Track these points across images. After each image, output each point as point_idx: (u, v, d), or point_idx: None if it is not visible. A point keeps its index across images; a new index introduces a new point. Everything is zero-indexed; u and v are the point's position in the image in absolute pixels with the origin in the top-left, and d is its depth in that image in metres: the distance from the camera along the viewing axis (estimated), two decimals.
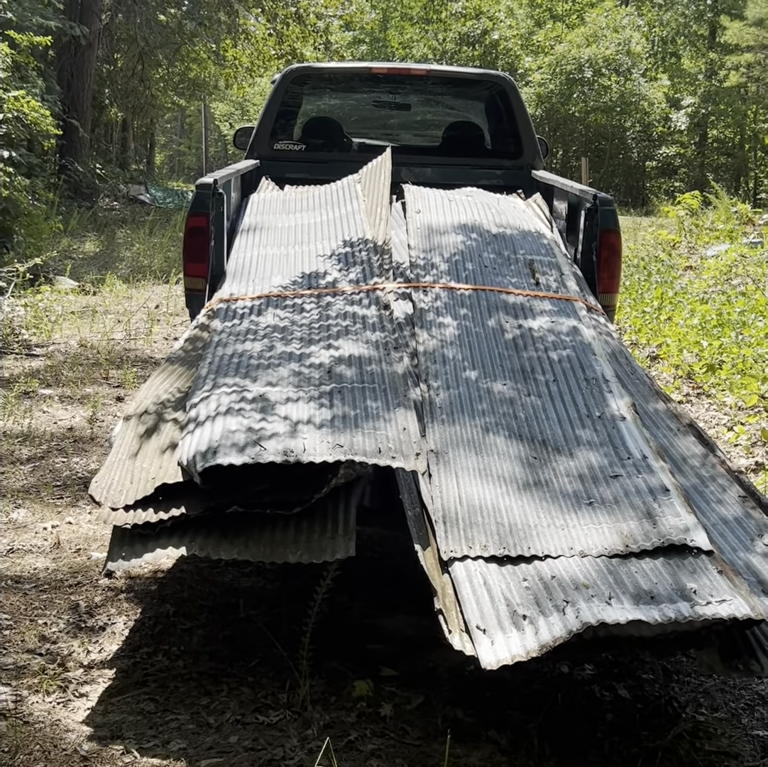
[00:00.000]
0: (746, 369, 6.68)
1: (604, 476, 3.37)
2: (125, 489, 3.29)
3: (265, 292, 4.82)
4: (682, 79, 35.76)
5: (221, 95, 42.39)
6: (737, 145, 36.22)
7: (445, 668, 3.53)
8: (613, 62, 32.40)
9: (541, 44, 34.34)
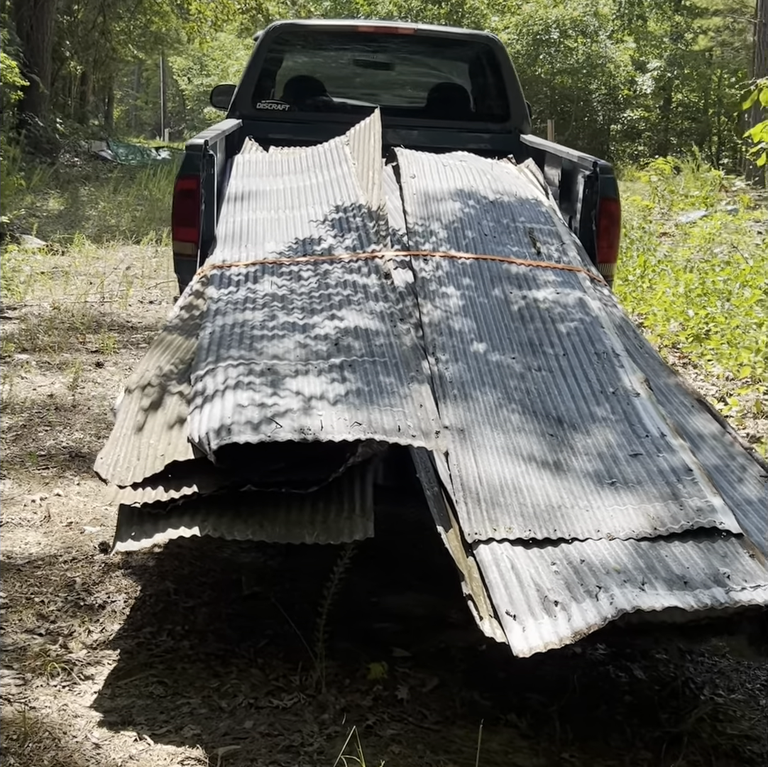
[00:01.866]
0: (733, 340, 6.65)
1: (624, 455, 3.30)
2: (132, 466, 3.16)
3: (260, 258, 4.69)
4: (648, 42, 35.61)
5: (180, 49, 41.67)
6: (701, 109, 36.22)
7: (457, 648, 3.47)
8: (580, 24, 32.16)
9: (507, 4, 33.96)
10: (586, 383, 3.73)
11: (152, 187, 16.02)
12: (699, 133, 36.42)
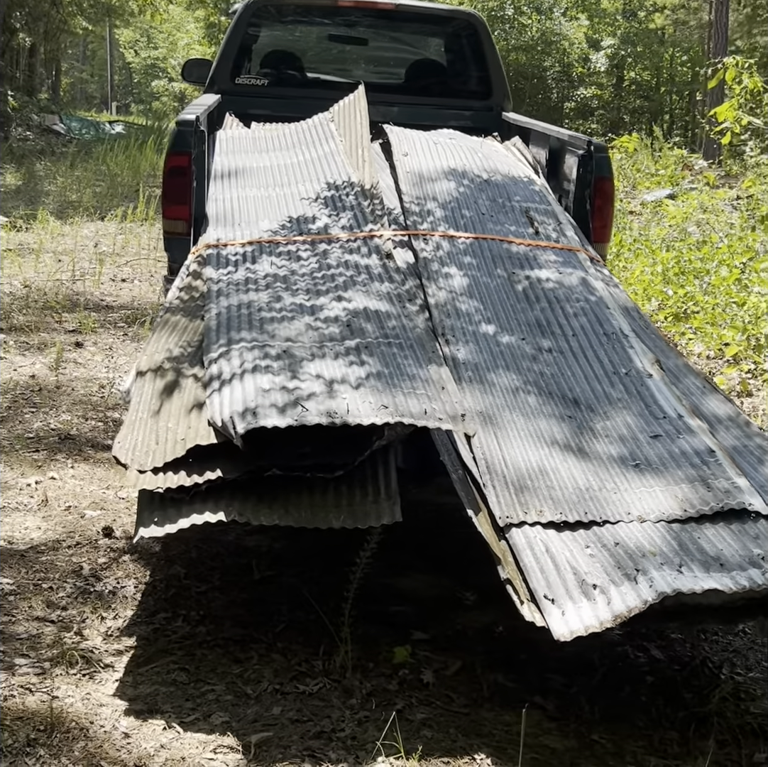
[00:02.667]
0: (714, 319, 6.70)
1: (644, 437, 3.30)
2: (151, 450, 3.11)
3: (255, 237, 4.62)
4: (602, 20, 35.70)
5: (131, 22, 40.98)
6: (654, 88, 36.44)
7: (474, 630, 3.46)
8: (535, 0, 32.16)
9: None
10: (598, 364, 3.73)
11: (110, 162, 15.75)
12: (651, 112, 36.65)
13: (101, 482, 4.47)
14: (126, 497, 4.34)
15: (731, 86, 11.87)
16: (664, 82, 36.34)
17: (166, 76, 50.26)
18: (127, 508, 4.23)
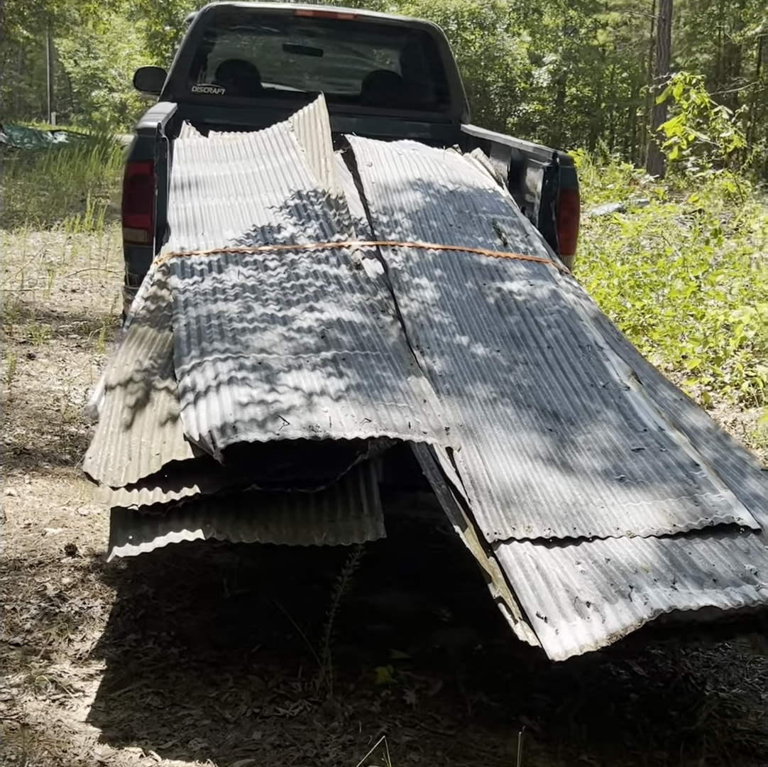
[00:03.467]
0: (672, 332, 6.72)
1: (627, 450, 3.26)
2: (124, 466, 2.99)
3: (220, 247, 4.52)
4: (543, 36, 36.09)
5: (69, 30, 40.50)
6: (595, 104, 36.90)
7: (454, 648, 3.40)
8: (478, 16, 32.40)
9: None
10: (575, 376, 3.69)
11: (54, 172, 15.48)
12: (592, 127, 37.11)
13: (61, 498, 4.33)
14: (87, 513, 4.21)
15: (679, 102, 12.01)
16: (605, 99, 36.80)
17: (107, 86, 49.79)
18: (89, 525, 4.10)
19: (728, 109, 11.95)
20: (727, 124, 11.94)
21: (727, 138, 11.99)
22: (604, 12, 28.33)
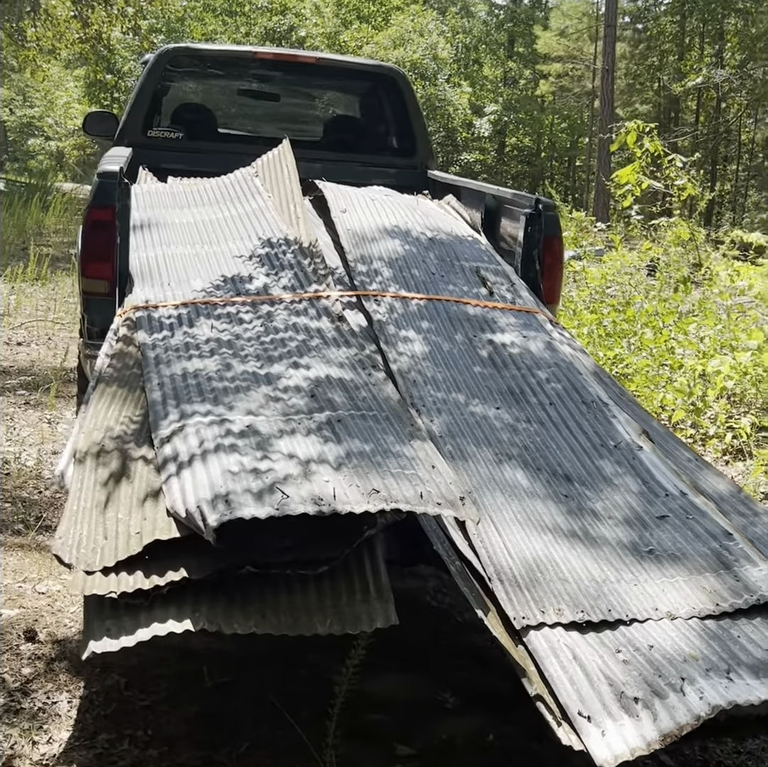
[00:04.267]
0: (647, 382, 6.52)
1: (650, 518, 2.99)
2: (99, 547, 2.65)
3: (189, 298, 4.22)
4: (484, 87, 36.44)
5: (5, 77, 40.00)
6: (535, 153, 37.27)
7: (462, 739, 3.08)
8: (420, 66, 32.58)
9: (347, 44, 34.14)
10: (583, 435, 3.42)
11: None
12: (533, 176, 37.45)
13: (16, 574, 3.95)
14: (46, 591, 3.83)
15: (633, 150, 11.97)
16: (545, 148, 37.18)
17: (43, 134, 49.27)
18: (48, 605, 3.72)
19: (682, 157, 11.93)
20: (680, 172, 11.92)
21: (681, 186, 11.96)
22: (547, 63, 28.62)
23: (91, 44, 23.86)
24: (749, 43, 23.29)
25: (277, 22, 34.41)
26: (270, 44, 34.70)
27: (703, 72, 21.79)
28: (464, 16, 37.98)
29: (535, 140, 36.79)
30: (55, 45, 23.85)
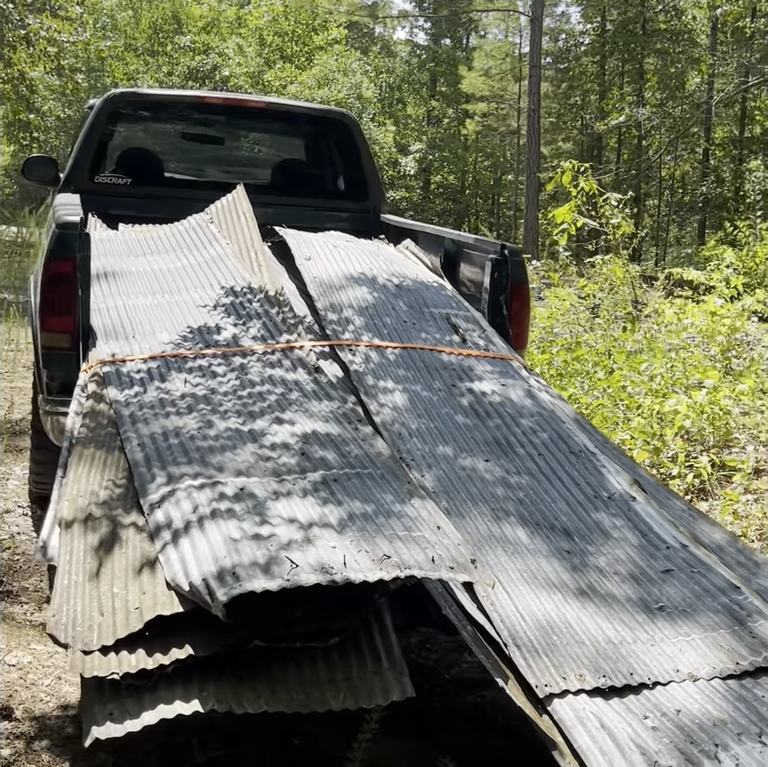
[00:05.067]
0: (605, 422, 6.52)
1: (655, 572, 2.95)
2: (95, 624, 2.51)
3: (157, 352, 4.10)
4: (408, 125, 36.76)
5: None
6: (459, 190, 37.65)
7: None
8: (345, 105, 32.74)
9: (271, 83, 34.20)
10: (575, 487, 3.37)
11: None
12: (458, 213, 37.81)
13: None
14: (16, 663, 3.64)
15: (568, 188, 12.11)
16: (469, 186, 37.57)
17: None
18: (21, 678, 3.53)
19: (617, 195, 12.11)
20: (615, 211, 12.09)
21: (616, 224, 12.13)
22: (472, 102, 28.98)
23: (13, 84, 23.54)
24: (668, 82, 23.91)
25: (200, 62, 34.39)
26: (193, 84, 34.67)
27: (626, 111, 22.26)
28: (386, 56, 38.37)
29: (459, 178, 37.16)
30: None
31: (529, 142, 20.11)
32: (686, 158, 27.00)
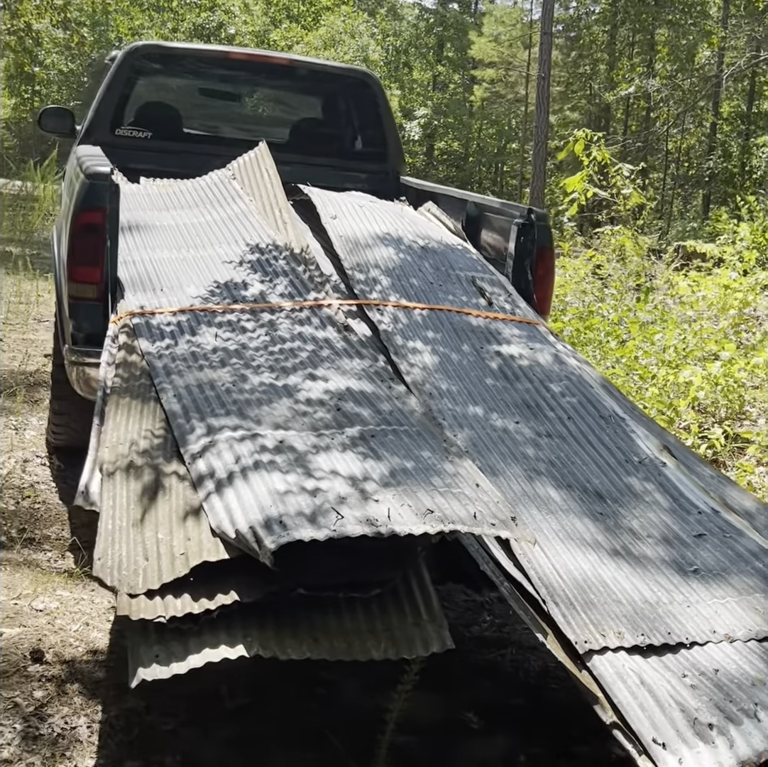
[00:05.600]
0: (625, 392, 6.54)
1: (688, 535, 2.98)
2: (141, 568, 2.54)
3: (186, 305, 4.10)
4: (413, 90, 36.51)
5: None
6: (463, 157, 37.46)
7: (497, 762, 3.02)
8: None
9: (277, 43, 33.92)
10: (606, 451, 3.40)
11: None
12: (461, 181, 37.59)
13: (9, 590, 3.78)
14: (43, 608, 3.68)
15: (580, 158, 12.06)
16: (473, 153, 37.37)
17: None
18: (49, 623, 3.57)
19: (629, 166, 12.07)
20: (626, 182, 12.06)
21: (627, 195, 12.10)
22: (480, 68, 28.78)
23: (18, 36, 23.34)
24: (679, 54, 23.78)
25: (205, 19, 34.06)
26: (198, 41, 34.37)
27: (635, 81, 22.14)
28: (393, 19, 38.04)
29: (463, 145, 36.98)
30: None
31: (538, 110, 19.95)
32: (693, 132, 26.90)
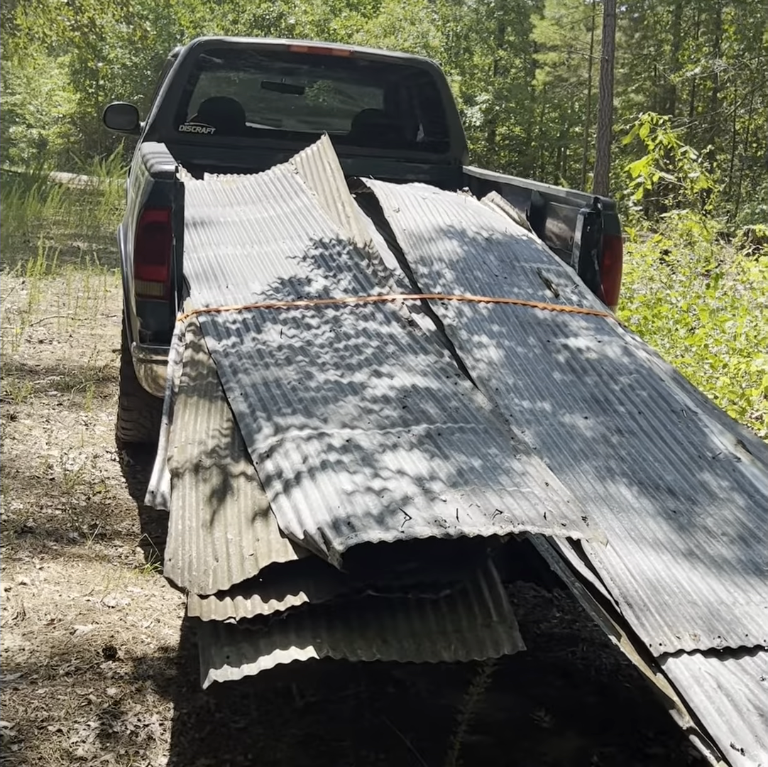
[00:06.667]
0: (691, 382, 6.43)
1: (765, 534, 2.91)
2: (210, 569, 2.54)
3: (251, 302, 4.11)
4: (474, 76, 36.26)
5: None
6: (525, 142, 37.14)
7: (568, 762, 2.98)
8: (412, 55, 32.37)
9: (337, 32, 33.89)
10: (678, 446, 3.34)
11: None
12: (523, 166, 37.32)
13: (81, 586, 3.83)
14: (115, 605, 3.72)
15: (646, 142, 11.88)
16: (535, 138, 37.04)
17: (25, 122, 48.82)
18: (121, 620, 3.61)
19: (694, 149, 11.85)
20: (693, 165, 11.84)
21: (694, 179, 11.88)
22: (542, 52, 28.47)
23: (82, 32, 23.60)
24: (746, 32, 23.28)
25: (266, 9, 34.18)
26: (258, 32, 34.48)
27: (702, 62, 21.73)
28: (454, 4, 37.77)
29: (525, 129, 36.64)
30: (46, 33, 23.59)
31: (602, 93, 19.69)
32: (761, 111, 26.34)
